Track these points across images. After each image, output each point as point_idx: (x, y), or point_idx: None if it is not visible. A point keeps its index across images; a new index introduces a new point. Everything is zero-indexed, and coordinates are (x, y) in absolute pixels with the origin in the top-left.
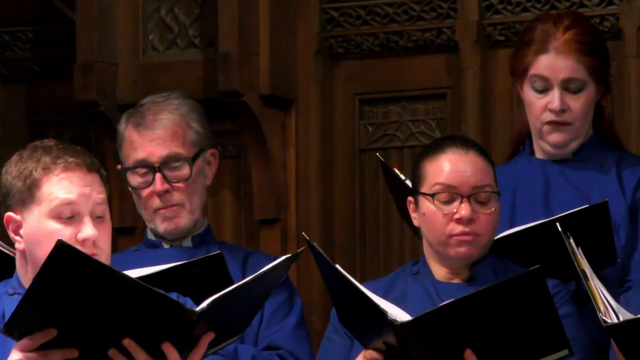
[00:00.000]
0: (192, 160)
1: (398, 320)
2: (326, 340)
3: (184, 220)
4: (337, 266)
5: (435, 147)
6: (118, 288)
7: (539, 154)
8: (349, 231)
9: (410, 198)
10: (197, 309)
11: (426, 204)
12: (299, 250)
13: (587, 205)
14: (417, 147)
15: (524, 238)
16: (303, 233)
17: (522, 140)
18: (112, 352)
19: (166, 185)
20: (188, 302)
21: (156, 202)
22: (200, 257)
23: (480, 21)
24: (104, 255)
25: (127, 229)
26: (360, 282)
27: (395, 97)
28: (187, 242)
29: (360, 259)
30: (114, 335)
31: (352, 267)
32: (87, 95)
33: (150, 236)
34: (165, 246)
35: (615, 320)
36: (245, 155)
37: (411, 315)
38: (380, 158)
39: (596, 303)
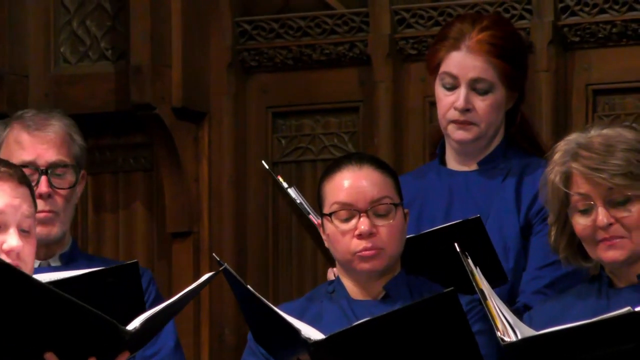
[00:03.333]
0: (79, 168)
1: (311, 339)
2: None
3: (55, 229)
4: (249, 287)
5: (332, 167)
6: (51, 305)
7: (449, 163)
8: (262, 244)
9: (318, 221)
10: (130, 328)
11: (328, 225)
12: (221, 268)
13: (460, 220)
14: (330, 160)
15: (416, 246)
16: (214, 254)
17: (438, 142)
18: None
19: (50, 189)
20: None
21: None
22: (116, 265)
23: (392, 35)
24: (27, 268)
25: None
26: (274, 296)
27: (308, 111)
28: (56, 261)
29: (273, 272)
30: (38, 350)
31: (265, 281)
32: None
33: None
34: (34, 265)
35: (514, 339)
36: (157, 168)
37: (326, 334)
38: (265, 165)
39: (495, 322)
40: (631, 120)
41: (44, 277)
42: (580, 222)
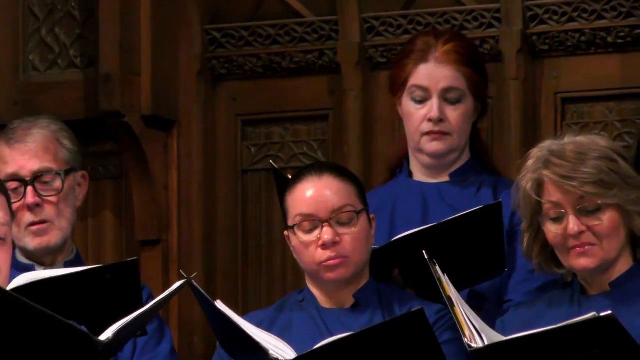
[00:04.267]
0: (65, 174)
1: (281, 358)
2: None
3: (54, 238)
4: (218, 302)
5: (294, 179)
6: (23, 317)
7: (417, 176)
8: (231, 252)
9: (285, 233)
10: (104, 339)
11: (293, 237)
12: (192, 275)
13: (481, 206)
14: (300, 168)
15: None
16: (181, 271)
17: (400, 163)
18: None
19: (37, 199)
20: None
21: (27, 216)
22: (115, 262)
23: (361, 43)
24: (1, 276)
25: None
26: (243, 304)
27: (277, 118)
28: (60, 268)
29: (243, 280)
30: None
31: (234, 289)
32: None
33: (21, 258)
34: (39, 269)
35: (480, 345)
36: (126, 176)
37: (297, 344)
38: (274, 164)
39: (462, 329)
40: (599, 129)
41: (44, 274)
42: (552, 230)
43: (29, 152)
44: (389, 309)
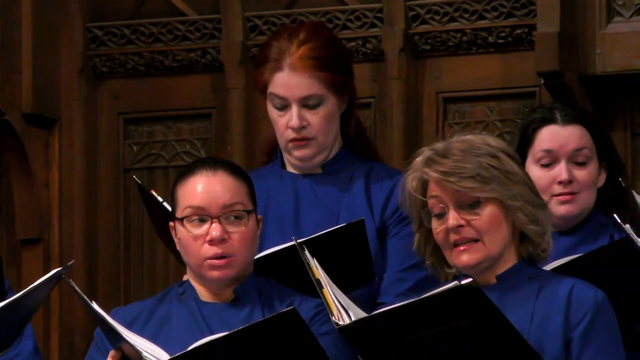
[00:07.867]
0: None
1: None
2: (88, 358)
3: None
4: (93, 303)
5: (186, 170)
6: None
7: (289, 167)
8: (113, 252)
9: (171, 223)
10: None
11: (180, 229)
12: (69, 264)
13: (343, 224)
14: (183, 166)
15: (277, 259)
16: (63, 276)
17: (274, 149)
18: None
19: None
20: None
21: None
22: None
23: (244, 42)
24: None
25: None
26: (125, 304)
27: (160, 117)
28: None
29: (125, 279)
30: None
31: (117, 288)
32: None
33: None
34: None
35: (347, 321)
36: (7, 174)
37: (175, 338)
38: (137, 180)
39: (330, 308)
40: (480, 128)
41: None
42: (435, 227)
43: None
44: (269, 304)
